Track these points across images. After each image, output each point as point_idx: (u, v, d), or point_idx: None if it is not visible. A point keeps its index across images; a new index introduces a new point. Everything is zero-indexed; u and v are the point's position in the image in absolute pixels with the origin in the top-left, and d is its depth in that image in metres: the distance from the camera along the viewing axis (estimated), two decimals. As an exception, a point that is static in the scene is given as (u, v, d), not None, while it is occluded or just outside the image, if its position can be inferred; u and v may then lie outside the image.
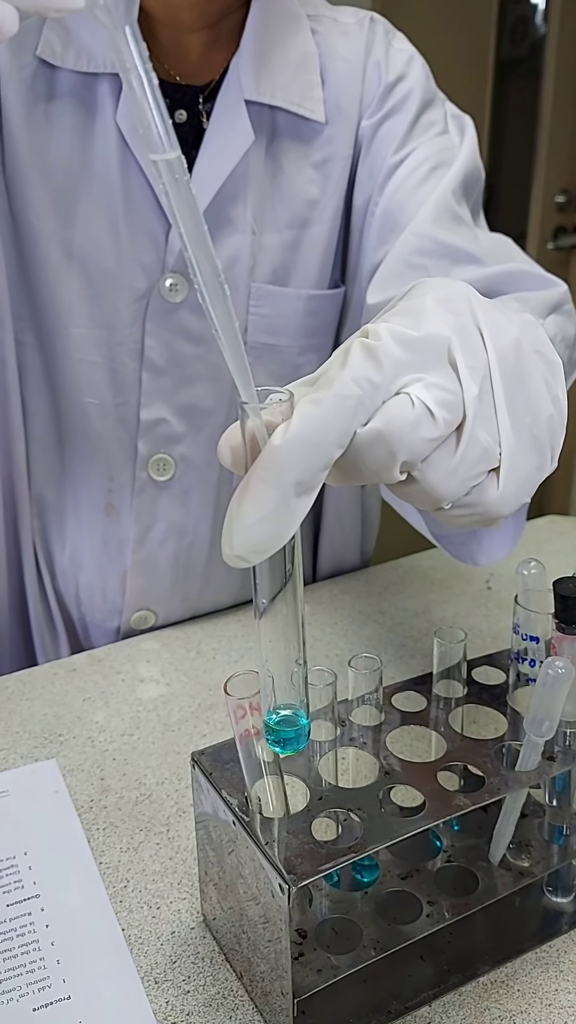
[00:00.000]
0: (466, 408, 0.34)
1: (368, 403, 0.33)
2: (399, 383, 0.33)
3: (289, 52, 0.71)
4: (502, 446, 0.35)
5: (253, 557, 0.33)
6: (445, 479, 0.35)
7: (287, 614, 0.37)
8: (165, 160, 0.29)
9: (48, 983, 0.48)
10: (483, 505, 0.36)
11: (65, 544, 0.80)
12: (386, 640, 0.79)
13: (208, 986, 0.48)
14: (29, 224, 0.70)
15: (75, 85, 0.68)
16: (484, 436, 0.34)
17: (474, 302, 0.35)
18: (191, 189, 0.30)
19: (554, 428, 0.36)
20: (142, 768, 0.63)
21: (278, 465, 0.32)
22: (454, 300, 0.35)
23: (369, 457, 0.33)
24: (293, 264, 0.75)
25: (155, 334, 0.73)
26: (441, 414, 0.33)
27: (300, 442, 0.32)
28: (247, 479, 0.33)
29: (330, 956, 0.46)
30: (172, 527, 0.79)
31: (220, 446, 0.34)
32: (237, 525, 0.32)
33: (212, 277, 0.31)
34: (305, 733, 0.39)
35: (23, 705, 0.70)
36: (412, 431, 0.33)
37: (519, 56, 2.46)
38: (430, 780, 0.46)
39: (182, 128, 0.71)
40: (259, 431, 0.33)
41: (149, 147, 0.29)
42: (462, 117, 0.76)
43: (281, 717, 0.39)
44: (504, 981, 0.49)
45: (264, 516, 0.32)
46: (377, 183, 0.73)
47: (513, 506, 0.37)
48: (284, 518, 0.32)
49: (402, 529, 0.73)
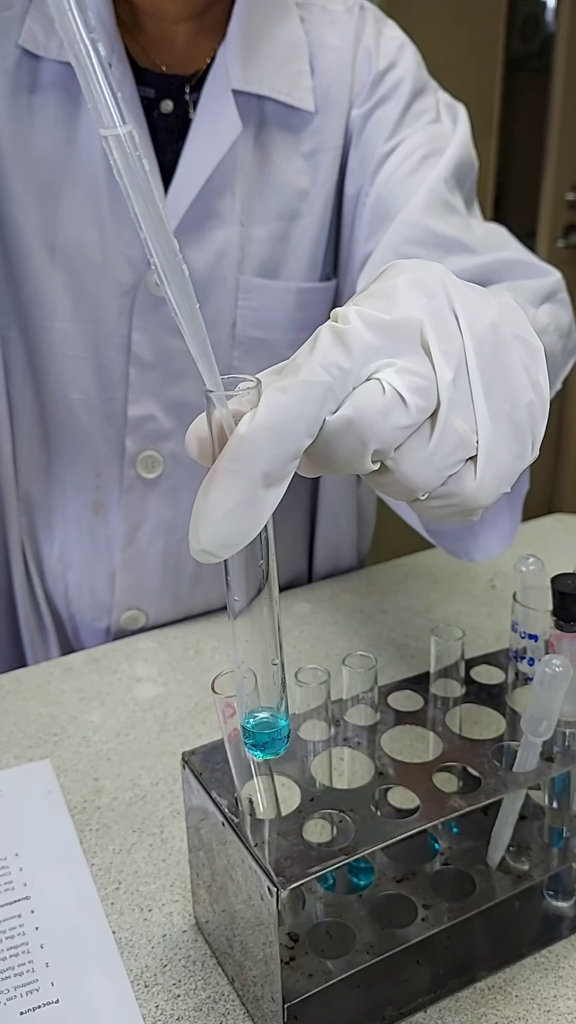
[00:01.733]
0: (440, 394, 0.32)
1: (337, 390, 0.32)
2: (369, 368, 0.32)
3: (277, 41, 0.70)
4: (479, 434, 0.34)
5: (221, 552, 0.32)
6: (419, 468, 0.33)
7: (263, 613, 0.35)
8: (115, 135, 0.28)
9: (36, 986, 0.47)
10: (461, 496, 0.34)
11: (53, 542, 0.79)
12: (387, 639, 0.78)
13: (199, 990, 0.47)
14: (12, 217, 0.69)
15: (59, 76, 0.67)
16: (460, 423, 0.33)
17: (449, 284, 0.34)
18: (144, 165, 0.29)
19: (535, 415, 0.35)
20: (137, 768, 0.63)
21: (245, 456, 0.31)
22: (428, 282, 0.34)
23: (339, 446, 0.32)
24: (283, 256, 0.74)
25: (142, 328, 0.72)
26: (413, 400, 0.32)
27: (267, 431, 0.31)
28: (213, 471, 0.32)
29: (323, 960, 0.45)
30: (161, 525, 0.78)
31: (187, 437, 0.33)
32: (203, 519, 0.31)
33: (170, 257, 0.30)
34: (284, 736, 0.38)
35: (18, 704, 0.69)
36: (383, 418, 0.32)
37: (529, 53, 2.44)
38: (426, 781, 0.45)
39: (168, 118, 0.71)
40: (226, 421, 0.32)
41: (98, 121, 0.28)
42: (455, 105, 0.74)
43: (259, 720, 0.37)
44: (502, 987, 0.48)
45: (231, 509, 0.31)
46: (368, 172, 0.72)
47: (492, 496, 0.35)
48: (252, 511, 0.31)
49: (399, 528, 0.72)
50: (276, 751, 0.38)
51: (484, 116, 2.25)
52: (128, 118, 0.28)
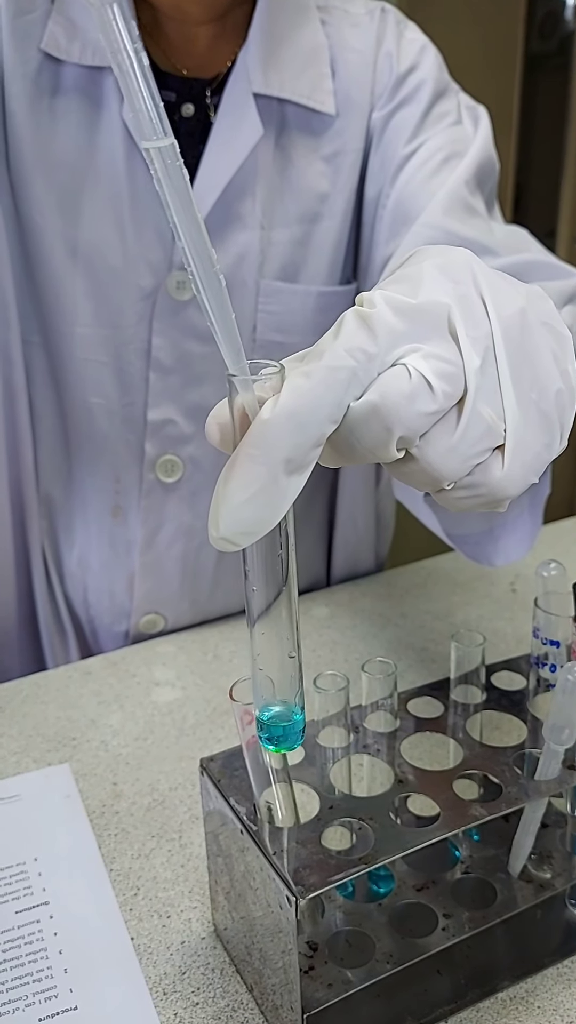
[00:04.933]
0: (467, 381, 0.32)
1: (362, 375, 0.31)
2: (395, 354, 0.31)
3: (298, 44, 0.70)
4: (507, 422, 0.33)
5: (241, 540, 0.32)
6: (445, 457, 0.32)
7: (280, 605, 0.35)
8: (157, 148, 0.28)
9: (55, 992, 0.47)
10: (487, 486, 0.34)
11: (73, 546, 0.79)
12: (407, 644, 0.77)
13: (218, 998, 0.47)
14: (33, 222, 0.69)
15: (80, 80, 0.67)
16: (487, 411, 0.32)
17: (476, 270, 0.33)
18: (184, 175, 0.29)
19: (563, 404, 0.34)
20: (155, 773, 0.62)
21: (266, 441, 0.30)
22: (455, 267, 0.33)
23: (364, 433, 0.32)
24: (303, 260, 0.74)
25: (162, 333, 0.72)
26: (440, 386, 0.31)
27: (290, 417, 0.30)
28: (234, 456, 0.31)
29: (342, 970, 0.44)
30: (180, 529, 0.78)
31: (208, 423, 0.33)
32: (224, 505, 0.31)
33: (207, 267, 0.30)
34: (299, 730, 0.37)
35: (37, 708, 0.69)
36: (409, 404, 0.31)
37: (548, 51, 2.43)
38: (446, 789, 0.45)
39: (189, 122, 0.70)
40: (249, 406, 0.31)
41: (141, 134, 0.28)
42: (476, 108, 0.74)
43: (274, 713, 0.37)
44: (524, 997, 0.47)
45: (252, 495, 0.30)
46: (389, 175, 0.71)
47: (520, 487, 0.34)
48: (274, 498, 0.31)
49: (418, 532, 0.71)
50: (291, 745, 0.37)
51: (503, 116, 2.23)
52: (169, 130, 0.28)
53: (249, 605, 0.35)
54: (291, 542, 0.34)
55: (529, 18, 2.33)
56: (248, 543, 0.32)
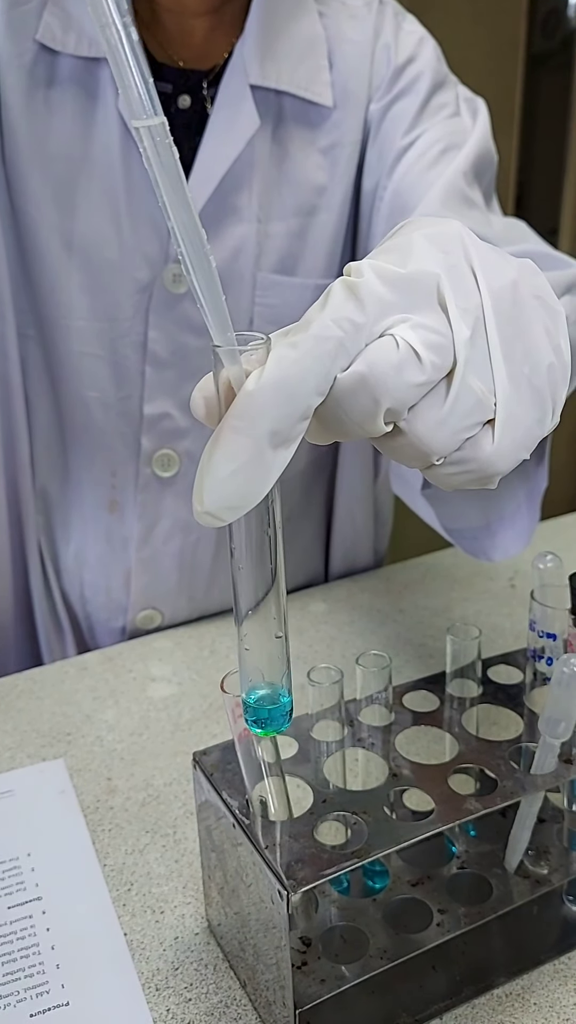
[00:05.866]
0: (457, 352, 0.31)
1: (349, 345, 0.30)
2: (383, 324, 0.31)
3: (295, 36, 0.70)
4: (497, 396, 0.32)
5: (226, 515, 0.31)
6: (434, 430, 0.32)
7: (268, 584, 0.34)
8: (147, 127, 0.28)
9: (47, 988, 0.47)
10: (477, 461, 0.33)
11: (70, 541, 0.79)
12: (405, 639, 0.77)
13: (211, 994, 0.46)
14: (29, 215, 0.69)
15: (76, 71, 0.66)
16: (477, 384, 0.32)
17: (468, 242, 0.33)
18: (174, 152, 0.28)
19: (555, 379, 0.33)
20: (150, 768, 0.62)
21: (251, 413, 0.30)
22: (445, 238, 0.32)
23: (351, 405, 0.31)
24: (300, 253, 0.73)
25: (158, 326, 0.71)
26: (428, 357, 0.31)
27: (275, 388, 0.30)
28: (219, 429, 0.30)
29: (336, 965, 0.44)
30: (177, 524, 0.78)
31: (193, 396, 0.32)
32: (208, 478, 0.30)
33: (198, 248, 0.29)
34: (285, 712, 0.37)
35: (33, 703, 0.69)
36: (396, 375, 0.30)
37: (550, 49, 2.42)
38: (441, 783, 0.44)
39: (186, 114, 0.70)
40: (235, 379, 0.31)
41: (131, 112, 0.28)
42: (475, 99, 0.73)
43: (260, 695, 0.36)
44: (520, 994, 0.47)
45: (237, 468, 0.30)
46: (386, 167, 0.71)
47: (511, 463, 0.34)
48: (259, 471, 0.30)
49: (417, 527, 0.71)
50: (277, 728, 0.37)
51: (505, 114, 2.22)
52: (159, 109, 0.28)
53: (236, 585, 0.35)
54: (279, 521, 0.34)
55: (531, 16, 2.32)
56: (233, 518, 0.32)
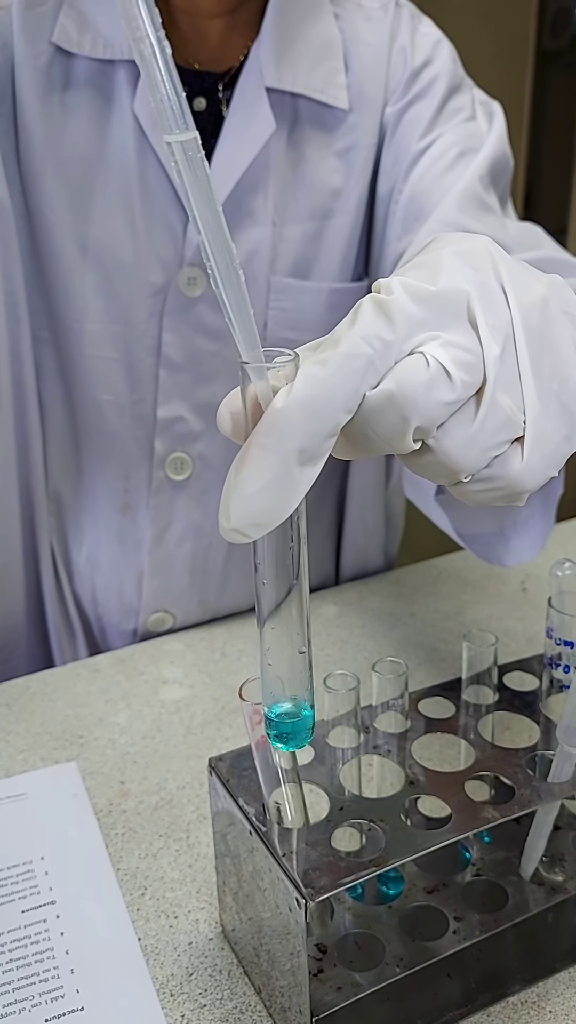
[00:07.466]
0: (486, 370, 0.31)
1: (379, 363, 0.30)
2: (413, 342, 0.31)
3: (311, 38, 0.69)
4: (527, 413, 0.32)
5: (252, 531, 0.31)
6: (463, 448, 0.32)
7: (291, 599, 0.34)
8: (180, 142, 0.28)
9: (61, 993, 0.47)
10: (506, 479, 0.33)
11: (82, 544, 0.79)
12: (416, 643, 0.77)
13: (225, 1000, 0.46)
14: (44, 217, 0.69)
15: (91, 73, 0.66)
16: (506, 401, 0.32)
17: (497, 257, 0.33)
18: (206, 167, 0.28)
19: None
20: (163, 772, 0.62)
21: (279, 430, 0.30)
22: (474, 254, 0.32)
23: (380, 423, 0.31)
24: (315, 256, 0.73)
25: (173, 329, 0.71)
26: (459, 375, 0.30)
27: (304, 405, 0.30)
28: (246, 446, 0.30)
29: (352, 973, 0.44)
30: (189, 527, 0.78)
31: (220, 411, 0.32)
32: (235, 495, 0.30)
33: (228, 262, 0.30)
34: (308, 728, 0.37)
35: (45, 706, 0.69)
36: (426, 393, 0.30)
37: (560, 48, 2.41)
38: (457, 790, 0.44)
39: (201, 116, 0.70)
40: (262, 394, 0.31)
41: (162, 126, 0.28)
42: (491, 103, 0.73)
43: (282, 710, 0.36)
44: (535, 1002, 0.46)
45: (264, 485, 0.30)
46: (402, 171, 0.70)
47: (539, 480, 0.34)
48: (286, 489, 0.30)
49: (428, 530, 0.71)
50: (299, 743, 0.37)
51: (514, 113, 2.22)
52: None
53: (259, 600, 0.35)
54: (303, 536, 0.34)
55: (540, 15, 2.31)
56: (259, 535, 0.31)
